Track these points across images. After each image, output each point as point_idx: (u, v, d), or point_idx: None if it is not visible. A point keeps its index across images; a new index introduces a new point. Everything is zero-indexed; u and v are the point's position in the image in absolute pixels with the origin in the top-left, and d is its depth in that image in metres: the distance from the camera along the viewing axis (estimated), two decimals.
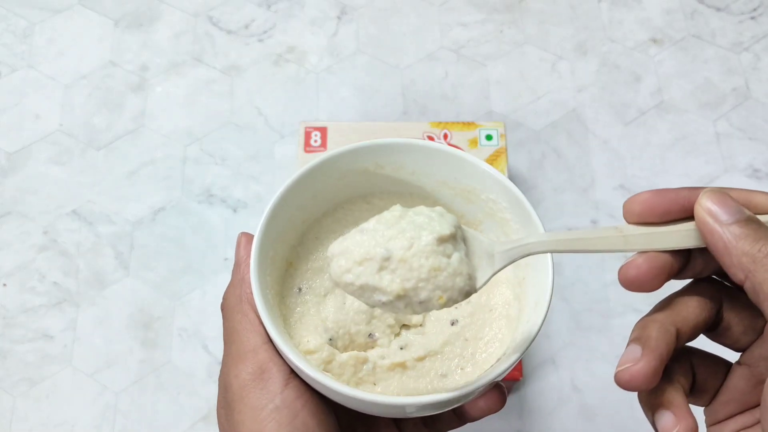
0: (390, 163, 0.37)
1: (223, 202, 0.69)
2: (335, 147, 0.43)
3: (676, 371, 0.31)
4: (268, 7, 0.80)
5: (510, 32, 0.79)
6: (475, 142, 0.63)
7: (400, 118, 0.74)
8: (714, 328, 0.31)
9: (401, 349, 0.37)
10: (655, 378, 0.28)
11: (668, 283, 0.31)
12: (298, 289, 0.38)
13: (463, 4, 0.80)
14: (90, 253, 0.67)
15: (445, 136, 0.63)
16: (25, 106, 0.74)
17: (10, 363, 0.63)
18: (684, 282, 0.32)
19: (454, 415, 0.36)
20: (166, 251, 0.67)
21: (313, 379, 0.31)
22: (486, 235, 0.38)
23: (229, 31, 0.78)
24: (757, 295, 0.27)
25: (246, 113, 0.74)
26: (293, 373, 0.33)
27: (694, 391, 0.32)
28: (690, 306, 0.30)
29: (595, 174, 0.71)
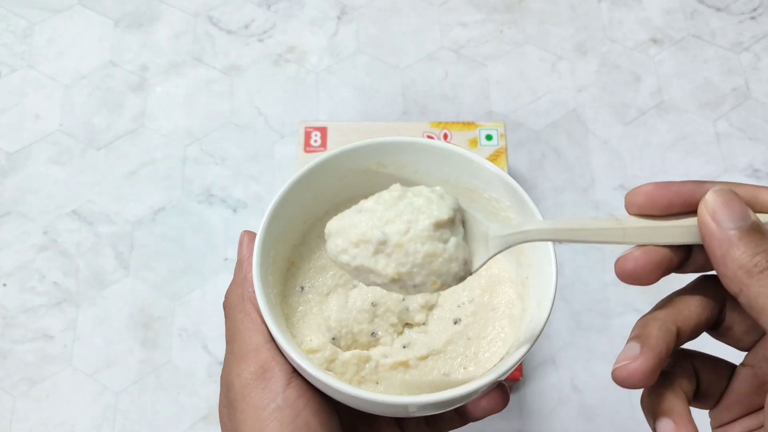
0: (393, 162, 0.37)
1: (223, 202, 0.69)
2: (335, 147, 0.43)
3: (678, 377, 0.30)
4: (268, 7, 0.80)
5: (510, 32, 0.79)
6: (475, 142, 0.63)
7: (400, 118, 0.74)
8: (716, 327, 0.31)
9: (404, 347, 0.37)
10: (653, 376, 0.28)
11: (671, 280, 0.31)
12: (301, 288, 0.37)
13: (463, 4, 0.80)
14: (90, 253, 0.67)
15: (445, 136, 0.63)
16: (25, 106, 0.74)
17: (10, 363, 0.62)
18: (687, 279, 0.31)
19: (456, 414, 0.36)
20: (166, 251, 0.67)
21: (316, 378, 0.31)
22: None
23: (229, 31, 0.78)
24: (752, 309, 0.26)
25: (246, 113, 0.74)
26: (295, 372, 0.33)
27: (698, 395, 0.31)
28: (692, 305, 0.30)
29: (595, 174, 0.71)
